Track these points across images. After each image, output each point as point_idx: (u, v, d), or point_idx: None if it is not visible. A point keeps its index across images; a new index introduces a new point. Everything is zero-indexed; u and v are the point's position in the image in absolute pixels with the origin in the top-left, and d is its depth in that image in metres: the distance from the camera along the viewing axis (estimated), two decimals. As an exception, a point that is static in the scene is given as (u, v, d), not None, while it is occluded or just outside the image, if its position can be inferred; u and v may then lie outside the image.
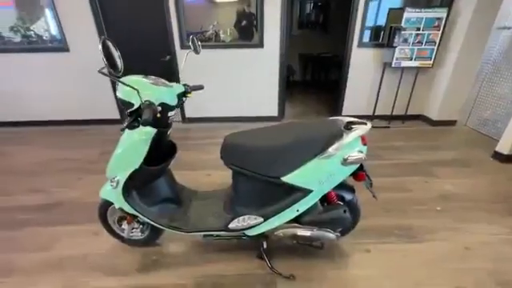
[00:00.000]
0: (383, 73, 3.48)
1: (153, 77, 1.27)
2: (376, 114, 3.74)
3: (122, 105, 1.16)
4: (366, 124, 1.27)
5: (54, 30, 3.29)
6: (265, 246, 1.50)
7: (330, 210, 1.36)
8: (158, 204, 1.44)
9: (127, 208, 1.33)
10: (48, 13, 3.21)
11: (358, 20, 3.32)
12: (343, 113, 3.85)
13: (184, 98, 1.45)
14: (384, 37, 3.42)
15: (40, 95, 3.58)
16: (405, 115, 3.76)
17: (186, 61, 1.59)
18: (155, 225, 1.39)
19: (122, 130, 1.09)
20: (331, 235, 1.38)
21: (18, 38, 3.36)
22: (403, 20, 3.16)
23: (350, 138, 1.19)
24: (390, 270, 1.52)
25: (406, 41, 3.29)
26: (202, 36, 3.41)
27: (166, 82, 1.29)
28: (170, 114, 1.27)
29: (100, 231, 1.62)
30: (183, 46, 3.37)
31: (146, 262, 1.59)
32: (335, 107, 3.95)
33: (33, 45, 3.36)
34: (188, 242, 1.72)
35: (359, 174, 1.32)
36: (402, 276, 1.48)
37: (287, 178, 1.23)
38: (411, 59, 3.38)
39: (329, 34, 5.96)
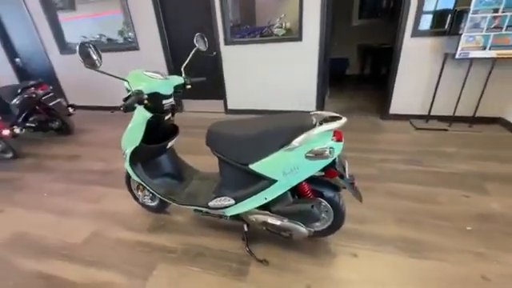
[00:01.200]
0: (443, 66, 2.97)
1: (154, 71, 1.51)
2: (433, 114, 3.23)
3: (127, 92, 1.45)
4: (340, 119, 1.23)
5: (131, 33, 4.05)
6: (245, 228, 1.61)
7: (298, 202, 1.37)
8: (160, 177, 1.72)
9: (134, 177, 1.66)
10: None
11: (413, 4, 2.90)
12: (391, 111, 3.46)
13: (182, 89, 1.65)
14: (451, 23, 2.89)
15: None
16: (473, 117, 3.11)
17: (191, 57, 1.77)
18: (154, 194, 1.68)
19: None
20: (302, 229, 1.39)
21: (121, 40, 4.27)
22: (473, 1, 2.61)
23: (314, 131, 1.18)
24: (371, 279, 1.42)
25: (476, 26, 2.71)
26: (268, 31, 3.56)
27: (164, 75, 1.52)
28: (164, 101, 1.50)
29: (129, 195, 2.03)
30: (227, 43, 3.64)
31: (155, 224, 1.92)
32: (384, 104, 3.59)
33: (128, 45, 4.20)
34: (191, 216, 1.97)
35: (329, 170, 1.29)
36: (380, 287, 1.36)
37: (254, 166, 1.31)
38: (484, 48, 2.77)
39: (394, 22, 5.29)
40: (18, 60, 4.93)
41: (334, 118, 1.25)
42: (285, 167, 1.26)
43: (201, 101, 4.33)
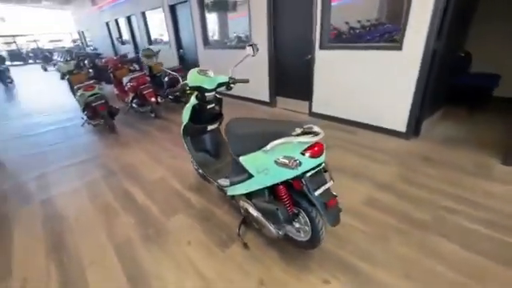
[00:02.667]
0: None
1: (205, 70, 1.95)
2: None
3: None
4: (317, 134, 1.25)
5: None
6: (242, 211, 1.85)
7: (269, 202, 1.48)
8: (200, 151, 2.21)
9: (184, 146, 2.22)
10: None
11: None
12: (520, 155, 2.47)
13: (227, 87, 2.01)
14: None
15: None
16: None
17: (243, 60, 2.06)
18: (194, 163, 2.19)
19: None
20: (271, 228, 1.51)
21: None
22: None
23: (279, 140, 1.27)
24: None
25: None
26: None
27: (210, 74, 1.92)
28: (207, 94, 1.92)
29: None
30: (322, 47, 3.68)
31: (195, 186, 2.48)
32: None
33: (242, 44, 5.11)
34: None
35: (294, 181, 1.33)
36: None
37: (242, 159, 1.53)
38: None
39: None
40: (181, 50, 6.88)
41: (316, 134, 1.27)
42: (258, 166, 1.41)
43: (291, 100, 4.59)
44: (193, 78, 1.88)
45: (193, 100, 1.97)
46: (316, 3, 3.52)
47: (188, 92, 1.83)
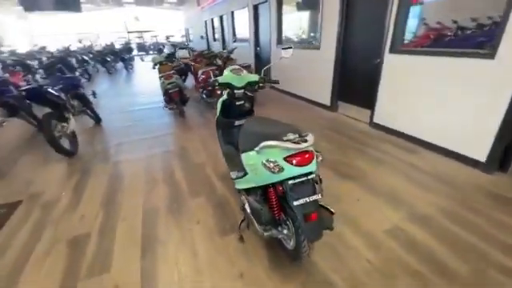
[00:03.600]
0: None
1: (238, 69, 2.07)
2: None
3: None
4: (299, 144, 1.21)
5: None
6: (240, 205, 1.92)
7: (257, 201, 1.51)
8: (228, 144, 2.36)
9: (217, 135, 2.42)
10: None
11: None
12: None
13: (258, 86, 2.08)
14: None
15: (304, 77, 5.37)
16: None
17: (280, 61, 2.08)
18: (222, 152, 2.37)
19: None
20: (257, 226, 1.54)
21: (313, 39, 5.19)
22: None
23: (266, 142, 1.28)
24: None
25: None
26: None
27: (242, 73, 2.03)
28: (236, 91, 2.04)
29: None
30: (393, 50, 3.25)
31: (225, 176, 2.67)
32: None
33: (313, 45, 5.01)
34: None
35: (277, 186, 1.32)
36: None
37: (242, 155, 1.60)
38: None
39: None
40: (258, 48, 7.23)
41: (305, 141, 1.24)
42: (250, 165, 1.46)
43: (353, 106, 4.25)
44: (225, 75, 2.04)
45: (224, 96, 2.13)
46: (392, 1, 3.13)
47: (217, 88, 2.00)
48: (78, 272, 1.65)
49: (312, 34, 4.97)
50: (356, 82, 4.12)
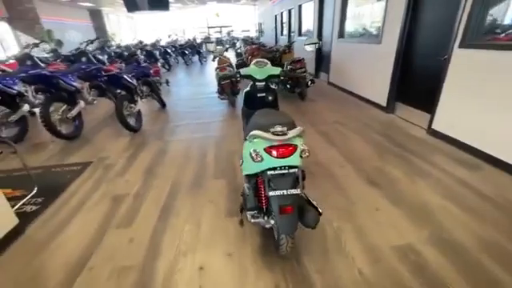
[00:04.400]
0: None
1: (263, 62, 2.12)
2: None
3: None
4: (279, 136, 1.23)
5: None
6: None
7: (247, 188, 1.58)
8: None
9: (242, 124, 2.55)
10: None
11: None
12: None
13: (279, 79, 2.10)
14: None
15: (361, 73, 4.98)
16: None
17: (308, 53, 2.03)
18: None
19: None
20: (246, 211, 1.62)
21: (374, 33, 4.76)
22: None
23: (252, 132, 1.34)
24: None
25: None
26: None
27: (264, 66, 2.07)
28: (257, 83, 2.11)
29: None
30: (464, 45, 2.70)
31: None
32: None
33: (374, 39, 4.58)
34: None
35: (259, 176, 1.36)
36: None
37: (244, 143, 1.68)
38: None
39: None
40: (320, 42, 6.96)
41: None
42: (244, 152, 1.54)
43: (411, 108, 3.74)
44: (249, 68, 2.13)
45: (247, 87, 2.23)
46: (469, -14, 2.60)
47: (238, 80, 2.11)
48: (111, 222, 2.06)
49: (374, 26, 4.52)
50: (417, 81, 3.60)
